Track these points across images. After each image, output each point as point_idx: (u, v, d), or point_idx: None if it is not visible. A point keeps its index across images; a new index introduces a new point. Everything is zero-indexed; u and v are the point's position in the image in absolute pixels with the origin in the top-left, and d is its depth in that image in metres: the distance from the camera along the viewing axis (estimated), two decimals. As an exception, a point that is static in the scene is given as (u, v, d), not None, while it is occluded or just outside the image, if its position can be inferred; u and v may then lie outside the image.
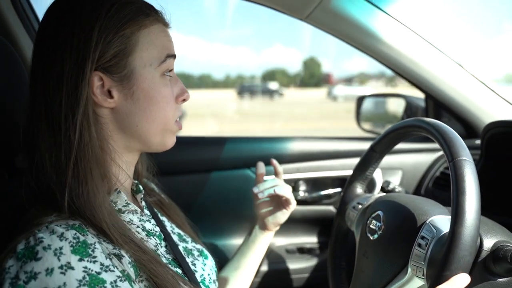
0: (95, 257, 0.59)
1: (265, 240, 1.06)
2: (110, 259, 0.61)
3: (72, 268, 0.56)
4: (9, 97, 0.77)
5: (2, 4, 1.20)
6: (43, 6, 0.73)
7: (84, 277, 0.56)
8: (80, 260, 0.57)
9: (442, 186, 1.34)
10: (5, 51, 0.79)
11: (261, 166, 1.06)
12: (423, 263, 0.72)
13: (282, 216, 1.04)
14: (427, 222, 0.77)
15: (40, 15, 1.32)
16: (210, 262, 0.88)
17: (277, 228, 1.06)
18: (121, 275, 0.60)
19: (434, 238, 0.73)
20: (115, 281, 0.59)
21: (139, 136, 0.72)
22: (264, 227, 1.05)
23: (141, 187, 0.81)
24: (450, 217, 0.77)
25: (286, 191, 1.00)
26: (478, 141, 1.34)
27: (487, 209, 0.88)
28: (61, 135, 0.64)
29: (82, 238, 0.60)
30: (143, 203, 0.81)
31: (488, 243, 0.71)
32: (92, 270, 0.57)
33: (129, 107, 0.70)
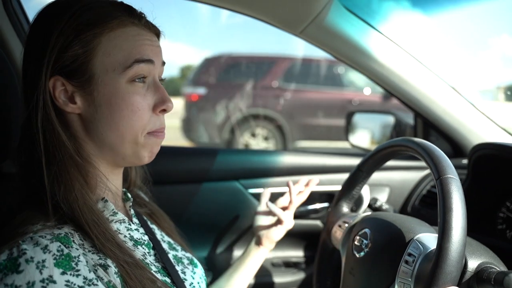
0: (78, 270, 0.58)
1: (258, 256, 1.07)
2: (95, 271, 0.60)
3: (54, 282, 0.55)
4: None
5: None
6: (35, 10, 0.72)
7: None
8: (63, 273, 0.56)
9: (428, 205, 1.35)
10: None
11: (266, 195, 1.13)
12: (410, 279, 0.72)
13: (277, 232, 1.06)
14: (414, 239, 0.77)
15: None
16: (200, 270, 0.87)
17: (272, 246, 1.08)
18: None
19: (421, 255, 0.74)
20: None
21: (108, 146, 0.70)
22: (259, 242, 1.07)
23: (129, 195, 0.80)
24: (436, 235, 0.77)
25: (280, 211, 1.06)
26: (465, 161, 1.35)
27: (472, 229, 0.88)
28: (32, 138, 0.65)
29: (66, 250, 0.58)
30: (132, 212, 0.80)
31: (473, 264, 0.71)
32: (74, 284, 0.56)
33: (92, 114, 0.68)
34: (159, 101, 0.71)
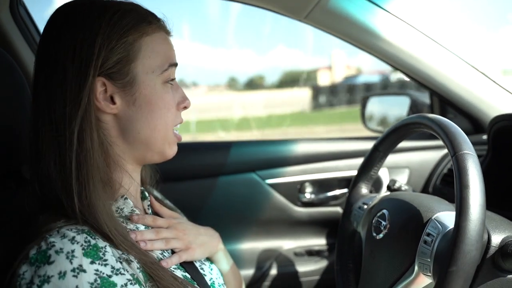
0: (106, 260, 0.60)
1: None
2: (121, 263, 0.62)
3: (84, 271, 0.57)
4: (12, 108, 0.78)
5: (1, 16, 1.21)
6: (43, 18, 0.73)
7: (95, 280, 0.57)
8: (92, 263, 0.58)
9: (450, 183, 1.32)
10: (5, 64, 0.79)
11: None
12: (429, 260, 0.71)
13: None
14: (433, 218, 0.75)
15: (40, 26, 1.33)
16: (216, 266, 0.88)
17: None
18: (131, 278, 0.61)
19: (439, 234, 0.72)
20: (126, 284, 0.60)
21: (141, 144, 0.72)
22: None
23: (146, 194, 0.81)
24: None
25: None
26: (485, 136, 1.32)
27: (495, 204, 0.86)
28: (65, 141, 0.64)
29: (93, 241, 0.61)
30: (150, 210, 0.81)
31: (496, 238, 0.69)
32: (103, 273, 0.58)
33: (131, 114, 0.70)
34: (181, 99, 0.77)
